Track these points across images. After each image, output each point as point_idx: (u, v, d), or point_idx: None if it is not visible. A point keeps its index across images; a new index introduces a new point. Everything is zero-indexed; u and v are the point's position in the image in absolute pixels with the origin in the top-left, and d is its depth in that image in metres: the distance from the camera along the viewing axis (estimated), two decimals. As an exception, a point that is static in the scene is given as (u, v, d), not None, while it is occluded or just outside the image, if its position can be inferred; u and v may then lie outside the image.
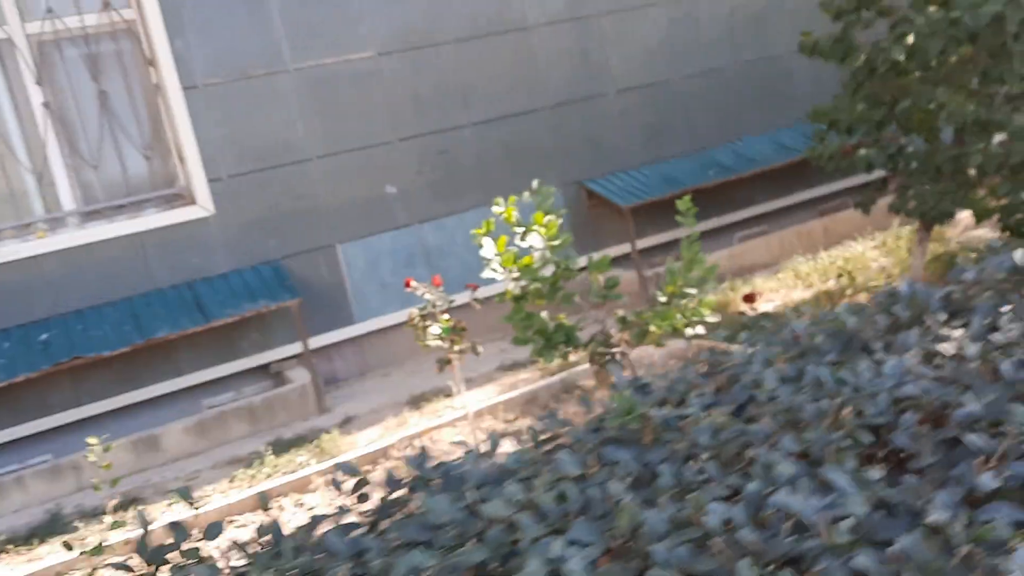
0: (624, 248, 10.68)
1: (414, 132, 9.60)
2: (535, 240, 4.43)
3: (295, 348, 8.85)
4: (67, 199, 8.24)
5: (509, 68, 10.01)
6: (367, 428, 7.70)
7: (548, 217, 4.51)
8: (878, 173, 7.78)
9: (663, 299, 4.55)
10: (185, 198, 8.61)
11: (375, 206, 9.45)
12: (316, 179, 9.16)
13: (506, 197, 10.21)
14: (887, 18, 6.70)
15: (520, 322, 4.46)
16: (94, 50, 8.27)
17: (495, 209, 4.55)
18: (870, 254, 9.65)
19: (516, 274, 4.44)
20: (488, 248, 4.39)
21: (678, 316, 4.45)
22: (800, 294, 9.22)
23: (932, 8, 6.24)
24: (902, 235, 9.64)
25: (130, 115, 8.53)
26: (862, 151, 6.81)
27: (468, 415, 6.57)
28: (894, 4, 6.64)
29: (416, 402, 8.01)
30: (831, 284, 9.23)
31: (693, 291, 4.56)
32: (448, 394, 7.77)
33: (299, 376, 8.57)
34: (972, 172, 6.33)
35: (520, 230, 4.57)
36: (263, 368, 9.13)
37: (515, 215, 4.58)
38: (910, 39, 6.19)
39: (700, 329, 4.43)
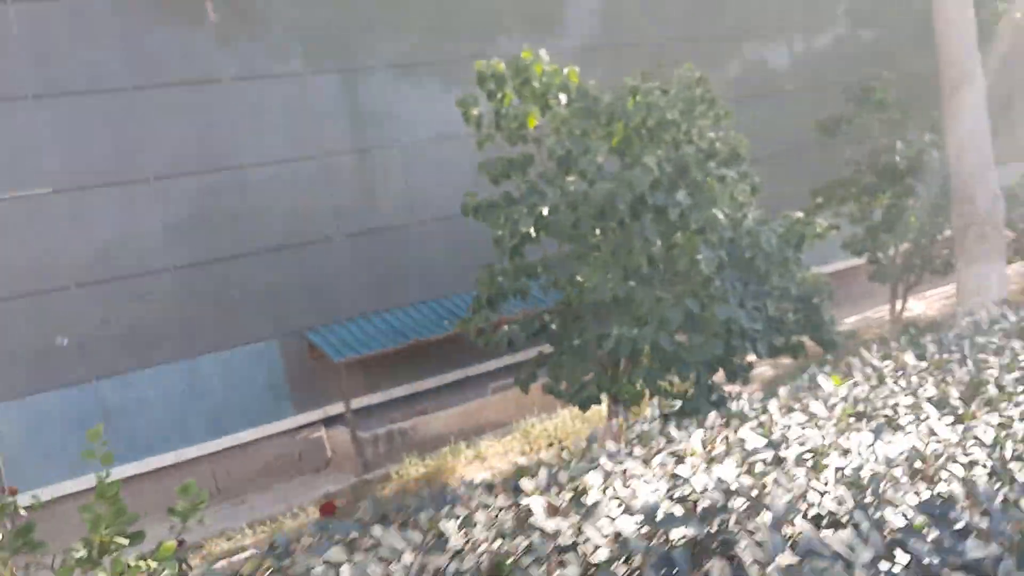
0: (360, 402, 9.83)
1: (99, 277, 8.58)
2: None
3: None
4: None
5: (220, 207, 9.21)
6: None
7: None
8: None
9: (79, 553, 3.57)
10: None
11: (42, 360, 8.27)
12: (-35, 330, 7.96)
13: (215, 347, 9.33)
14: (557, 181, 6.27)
15: None
16: None
17: None
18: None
19: None
20: None
21: (100, 576, 3.45)
22: (508, 463, 8.49)
23: (570, 178, 5.84)
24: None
25: None
26: (505, 327, 6.24)
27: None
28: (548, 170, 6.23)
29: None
30: (546, 452, 8.58)
31: (125, 540, 3.61)
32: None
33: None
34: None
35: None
36: None
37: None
38: (544, 211, 5.75)
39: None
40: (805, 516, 2.67)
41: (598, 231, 5.76)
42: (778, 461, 3.25)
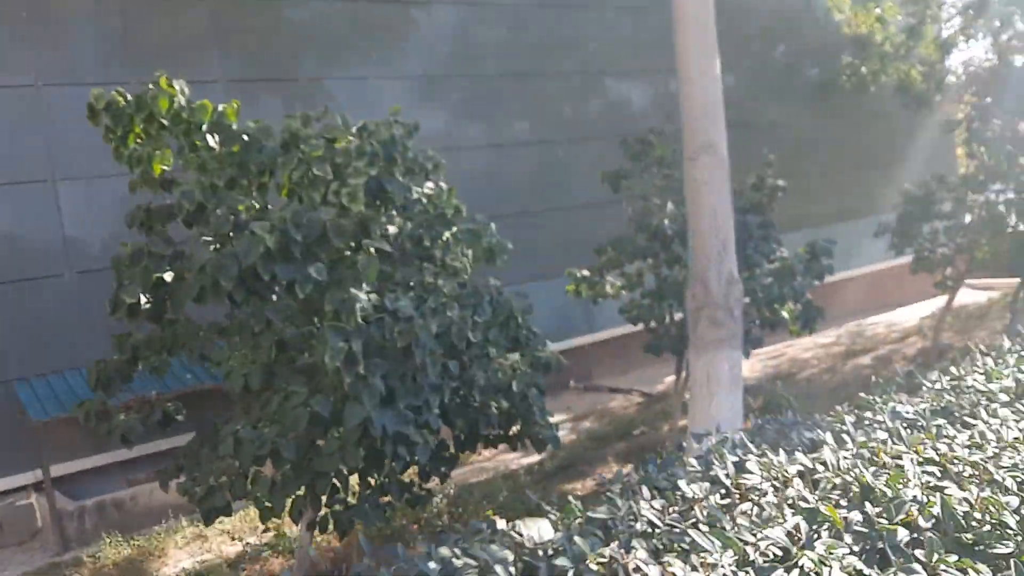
0: (84, 463, 8.59)
1: None
2: None
3: None
4: None
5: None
6: None
7: None
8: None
9: None
10: None
11: None
12: None
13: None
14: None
15: None
16: None
17: None
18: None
19: None
20: None
21: None
22: (233, 546, 7.38)
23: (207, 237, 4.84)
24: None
25: None
26: (121, 415, 5.20)
27: None
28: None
29: None
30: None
31: None
32: None
33: None
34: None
35: None
36: None
37: None
38: (168, 276, 4.75)
39: None
40: None
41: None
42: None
